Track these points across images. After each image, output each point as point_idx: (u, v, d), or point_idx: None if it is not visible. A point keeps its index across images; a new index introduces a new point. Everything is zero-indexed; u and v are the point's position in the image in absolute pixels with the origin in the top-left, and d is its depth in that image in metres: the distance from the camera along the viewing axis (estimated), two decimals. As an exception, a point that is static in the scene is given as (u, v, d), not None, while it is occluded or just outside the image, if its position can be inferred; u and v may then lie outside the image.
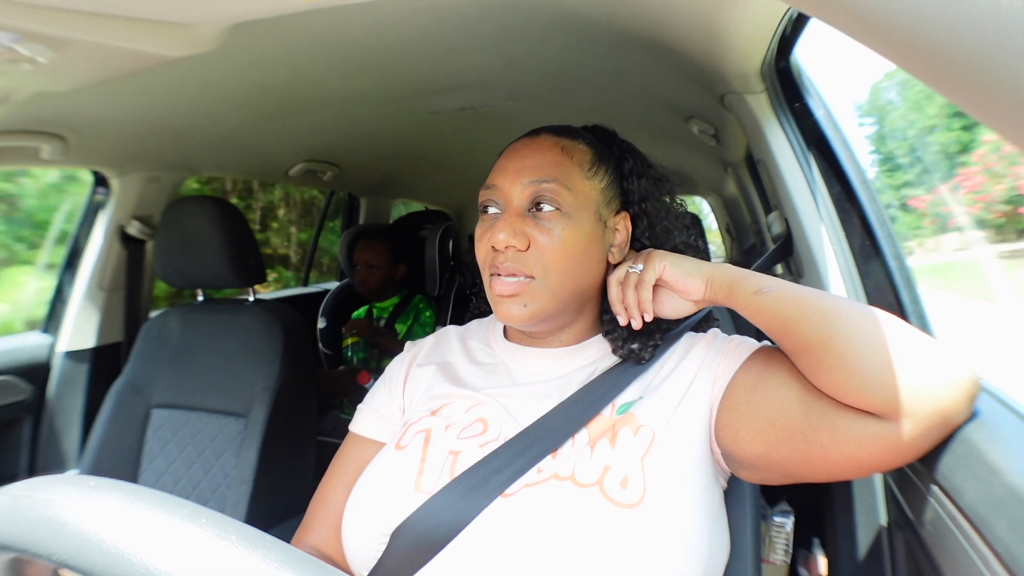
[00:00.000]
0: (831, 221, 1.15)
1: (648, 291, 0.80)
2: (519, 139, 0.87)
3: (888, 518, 0.94)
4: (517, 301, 0.79)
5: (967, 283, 5.44)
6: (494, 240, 0.79)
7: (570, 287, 0.81)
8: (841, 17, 0.40)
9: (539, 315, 0.80)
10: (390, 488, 0.75)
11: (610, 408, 0.78)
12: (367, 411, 0.92)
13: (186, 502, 0.35)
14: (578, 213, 0.81)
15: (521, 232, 0.79)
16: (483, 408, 0.81)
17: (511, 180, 0.81)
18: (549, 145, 0.83)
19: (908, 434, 0.61)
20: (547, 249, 0.79)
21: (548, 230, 0.79)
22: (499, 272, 0.80)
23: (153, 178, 1.97)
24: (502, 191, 0.82)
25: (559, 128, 0.87)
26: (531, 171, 0.81)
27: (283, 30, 1.12)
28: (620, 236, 0.87)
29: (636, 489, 0.68)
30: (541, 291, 0.79)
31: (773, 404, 0.71)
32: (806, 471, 0.69)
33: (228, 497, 1.49)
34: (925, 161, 8.79)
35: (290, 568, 0.31)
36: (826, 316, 0.67)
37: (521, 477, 0.71)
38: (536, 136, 0.86)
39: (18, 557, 0.35)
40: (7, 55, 0.92)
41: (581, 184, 0.82)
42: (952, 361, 0.63)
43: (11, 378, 1.82)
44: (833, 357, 0.65)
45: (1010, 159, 5.81)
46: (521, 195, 0.81)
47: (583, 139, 0.86)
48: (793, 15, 1.03)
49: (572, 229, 0.80)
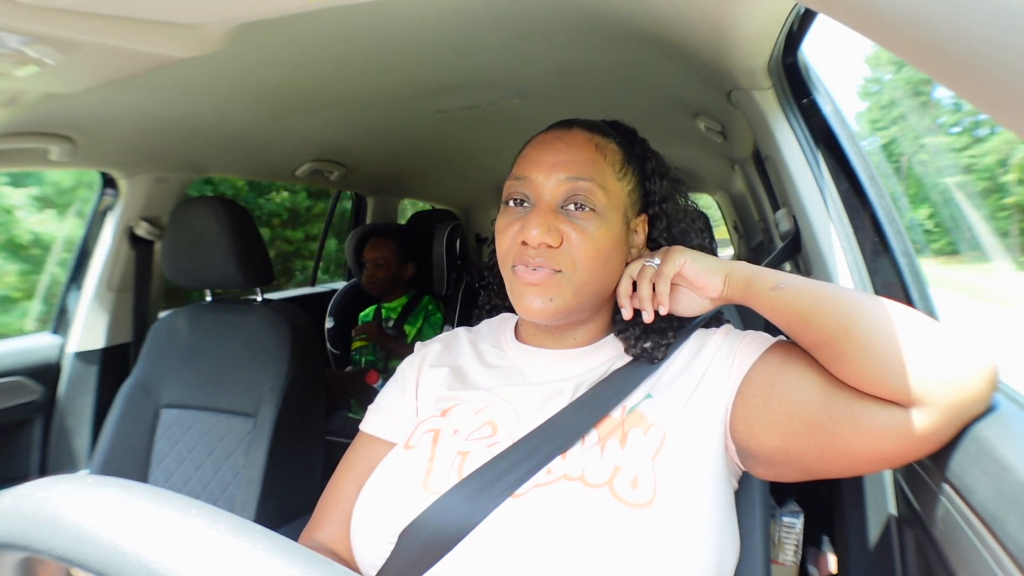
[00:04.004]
0: (839, 218, 1.14)
1: (666, 284, 0.79)
2: (549, 130, 0.85)
3: (898, 515, 0.93)
4: (543, 293, 0.78)
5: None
6: (527, 236, 0.77)
7: (594, 286, 0.80)
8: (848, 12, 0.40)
9: (562, 311, 0.79)
10: (398, 488, 0.75)
11: (620, 409, 0.77)
12: (378, 410, 0.91)
13: (178, 495, 0.35)
14: (609, 214, 0.79)
15: (555, 229, 0.77)
16: (492, 410, 0.81)
17: (546, 173, 0.79)
18: (583, 141, 0.81)
19: (931, 423, 0.61)
20: (579, 247, 0.77)
21: (582, 228, 0.77)
22: (527, 263, 0.78)
23: (161, 179, 1.98)
24: (535, 184, 0.80)
25: (590, 123, 0.85)
26: (567, 166, 0.79)
27: (290, 30, 1.12)
28: (639, 237, 0.86)
29: (647, 489, 0.67)
30: (566, 286, 0.78)
31: (792, 398, 0.70)
32: (824, 465, 0.69)
33: (237, 497, 1.50)
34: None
35: (277, 555, 0.32)
36: (845, 307, 0.67)
37: (531, 478, 0.70)
38: (569, 129, 0.83)
39: (29, 557, 0.35)
40: (16, 57, 0.92)
41: (613, 185, 0.81)
42: (972, 348, 0.62)
43: (22, 379, 1.83)
44: (856, 347, 0.65)
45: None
46: (555, 190, 0.79)
47: (614, 138, 0.85)
48: (800, 11, 1.02)
49: (605, 230, 0.79)
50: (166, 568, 0.31)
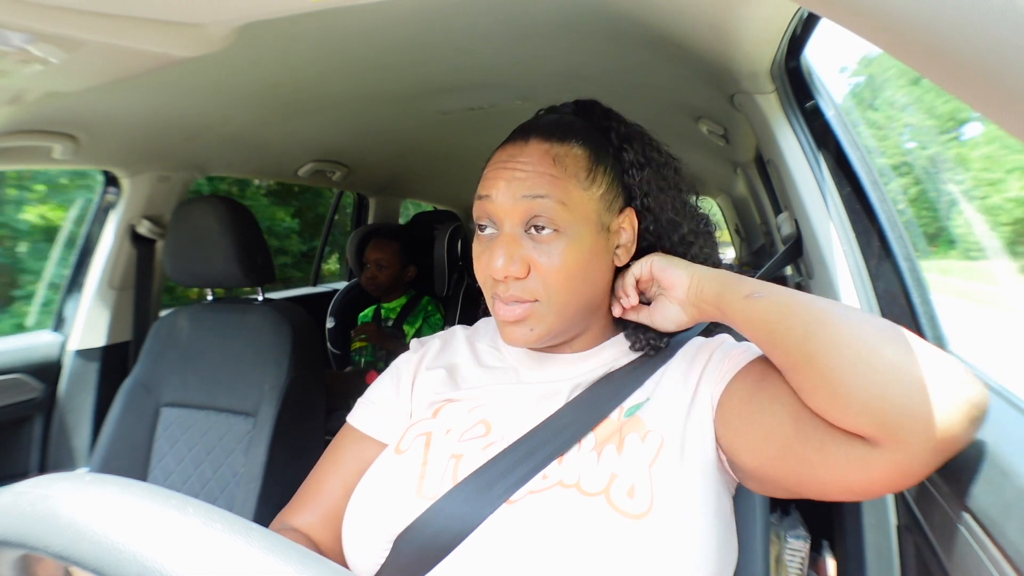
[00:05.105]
0: (842, 222, 1.14)
1: (630, 279, 0.80)
2: (506, 143, 0.80)
3: (898, 521, 0.93)
4: (523, 325, 0.76)
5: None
6: (491, 270, 0.75)
7: (576, 304, 0.77)
8: (851, 16, 0.40)
9: (546, 336, 0.77)
10: (391, 494, 0.73)
11: (618, 412, 0.75)
12: (369, 405, 0.89)
13: (175, 493, 0.35)
14: (576, 229, 0.75)
15: (519, 257, 0.74)
16: (485, 409, 0.79)
17: (503, 192, 0.75)
18: (540, 154, 0.76)
19: (898, 463, 0.56)
20: (548, 271, 0.74)
21: (548, 252, 0.74)
22: (500, 297, 0.76)
23: (163, 178, 1.98)
24: (495, 205, 0.76)
25: (550, 128, 0.79)
26: (522, 184, 0.74)
27: (293, 30, 1.13)
28: (626, 235, 0.81)
29: (643, 498, 0.66)
30: (546, 312, 0.76)
31: (766, 420, 0.67)
32: (802, 489, 0.65)
33: (237, 495, 1.50)
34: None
35: (273, 553, 0.32)
36: (811, 328, 0.61)
37: (527, 483, 0.69)
38: (525, 142, 0.77)
39: (27, 555, 0.35)
40: (20, 56, 0.92)
41: (578, 196, 0.75)
42: (953, 380, 0.55)
43: (23, 376, 1.83)
44: (817, 377, 0.60)
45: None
46: (514, 211, 0.75)
47: (577, 138, 0.78)
48: (803, 15, 1.02)
49: (573, 248, 0.74)
50: (162, 565, 0.31)
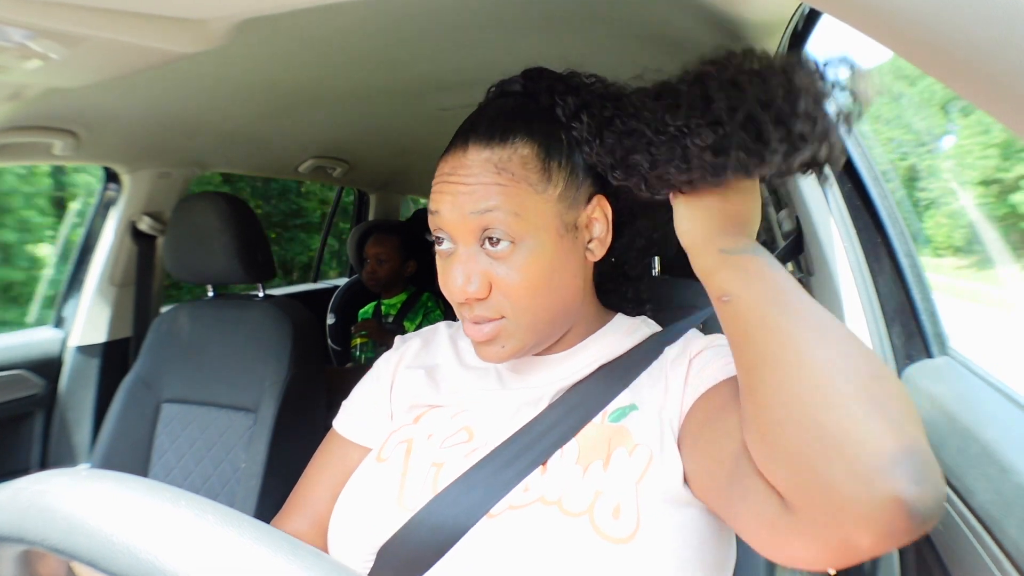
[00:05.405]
0: (842, 219, 1.14)
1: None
2: (447, 152, 0.73)
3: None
4: (494, 344, 0.72)
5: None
6: (451, 292, 0.71)
7: (546, 317, 0.72)
8: (853, 12, 0.40)
9: (519, 351, 0.73)
10: (373, 505, 0.71)
11: (601, 416, 0.71)
12: (350, 410, 0.88)
13: (169, 487, 0.35)
14: (535, 237, 0.69)
15: (477, 275, 0.69)
16: (468, 415, 0.77)
17: (450, 208, 0.69)
18: (480, 164, 0.69)
19: (805, 532, 0.47)
20: (509, 288, 0.69)
21: (506, 266, 0.69)
22: (466, 317, 0.73)
23: (164, 174, 1.98)
24: (445, 220, 0.70)
25: (489, 128, 0.71)
26: (468, 199, 0.68)
27: (293, 26, 1.12)
28: (598, 227, 0.74)
29: (629, 520, 0.61)
30: (514, 329, 0.71)
31: (713, 454, 0.60)
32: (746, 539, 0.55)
33: (237, 492, 1.50)
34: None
35: (264, 544, 0.32)
36: (761, 360, 0.52)
37: (507, 493, 0.66)
38: (464, 151, 0.70)
39: (29, 551, 0.36)
40: (20, 51, 0.92)
41: (532, 202, 0.69)
42: (891, 472, 0.41)
43: (23, 372, 1.83)
44: (748, 417, 0.53)
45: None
46: (465, 227, 0.69)
47: (519, 134, 0.70)
48: (805, 11, 1.02)
49: (533, 258, 0.69)
50: (155, 557, 0.31)
